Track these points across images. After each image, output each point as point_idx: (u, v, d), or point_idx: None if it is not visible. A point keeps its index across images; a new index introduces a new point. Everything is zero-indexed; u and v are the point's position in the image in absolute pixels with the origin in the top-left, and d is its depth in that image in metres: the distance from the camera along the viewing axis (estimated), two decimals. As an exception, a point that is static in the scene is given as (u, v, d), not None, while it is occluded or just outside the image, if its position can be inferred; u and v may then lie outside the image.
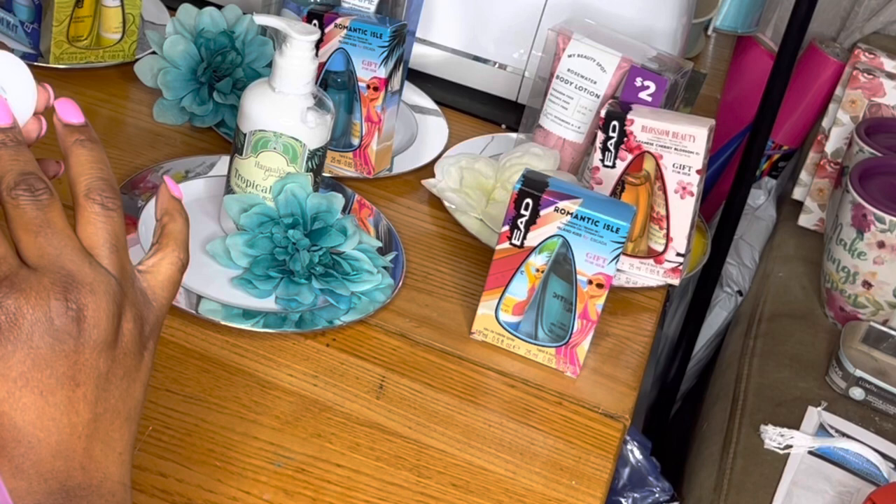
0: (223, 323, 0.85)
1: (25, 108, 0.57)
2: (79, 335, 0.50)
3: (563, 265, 0.87)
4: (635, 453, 1.18)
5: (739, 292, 1.72)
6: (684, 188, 0.98)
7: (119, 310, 0.52)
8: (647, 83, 1.02)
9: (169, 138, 1.07)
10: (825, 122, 1.64)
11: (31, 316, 0.49)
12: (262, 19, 0.88)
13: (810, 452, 1.17)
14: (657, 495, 1.17)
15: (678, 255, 1.01)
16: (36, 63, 1.11)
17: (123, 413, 0.53)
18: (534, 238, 0.86)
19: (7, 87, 0.58)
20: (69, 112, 0.57)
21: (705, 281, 1.59)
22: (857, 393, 1.26)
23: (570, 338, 0.88)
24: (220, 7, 1.09)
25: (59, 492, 0.50)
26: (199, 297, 0.86)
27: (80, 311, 0.50)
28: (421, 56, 1.25)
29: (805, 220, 1.63)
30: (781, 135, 1.82)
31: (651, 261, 1.02)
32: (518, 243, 0.87)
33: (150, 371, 0.55)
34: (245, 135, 0.90)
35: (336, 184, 1.04)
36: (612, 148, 0.99)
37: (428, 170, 1.10)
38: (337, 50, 1.02)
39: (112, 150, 1.04)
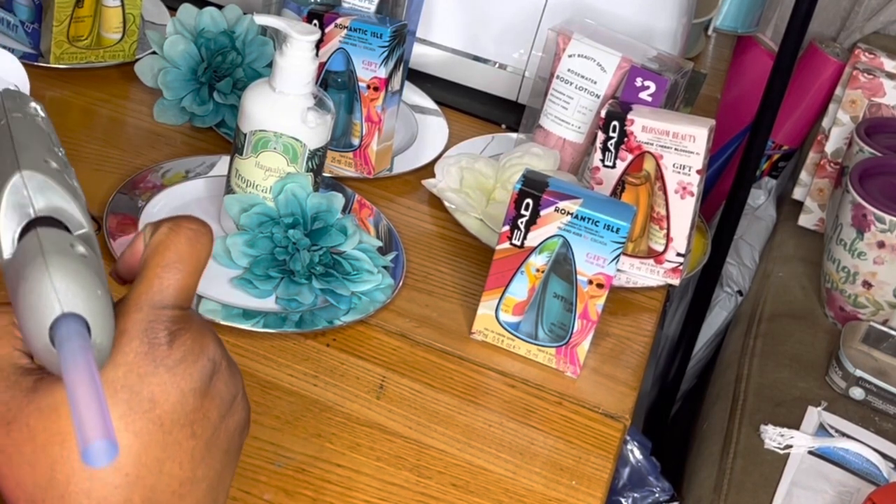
0: (223, 323, 0.85)
1: None
2: (209, 387, 0.48)
3: (563, 265, 0.87)
4: (635, 453, 1.18)
5: (739, 292, 1.72)
6: (684, 188, 0.98)
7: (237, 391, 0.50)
8: (647, 83, 1.02)
9: (169, 138, 1.07)
10: (825, 122, 1.64)
11: (192, 344, 0.47)
12: (262, 19, 0.88)
13: (810, 452, 1.17)
14: (657, 495, 1.17)
15: (678, 255, 1.01)
16: (36, 63, 1.11)
17: (216, 491, 0.49)
18: (534, 238, 0.86)
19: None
20: None
21: (705, 281, 1.59)
22: (857, 393, 1.26)
23: (570, 338, 0.88)
24: (220, 7, 1.09)
25: None
26: (200, 297, 0.86)
27: (217, 362, 0.48)
28: (421, 56, 1.25)
29: (805, 220, 1.63)
30: (781, 135, 1.82)
31: (651, 261, 1.02)
32: (518, 243, 0.87)
33: (237, 462, 0.51)
34: (245, 135, 0.90)
35: (336, 184, 1.04)
36: (612, 148, 0.99)
37: (428, 170, 1.10)
38: (337, 50, 1.02)
39: (112, 150, 1.04)
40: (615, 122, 0.98)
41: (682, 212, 0.99)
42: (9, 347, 0.47)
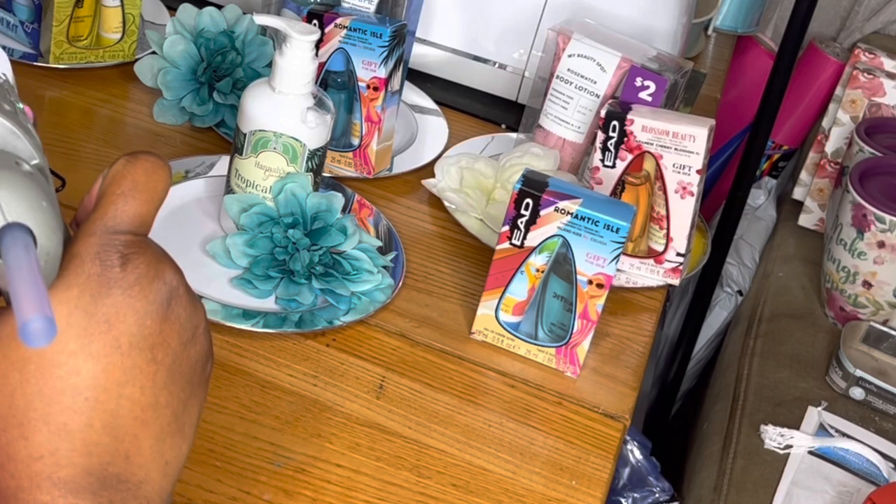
0: (223, 323, 0.85)
1: None
2: (167, 312, 0.47)
3: (563, 265, 0.87)
4: (635, 453, 1.18)
5: (739, 292, 1.72)
6: (684, 188, 0.98)
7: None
8: (647, 83, 1.02)
9: (169, 138, 1.07)
10: (825, 122, 1.64)
11: (146, 269, 0.47)
12: (262, 19, 0.88)
13: (810, 452, 1.17)
14: (657, 495, 1.17)
15: (678, 255, 1.01)
16: (36, 63, 1.11)
17: (181, 421, 0.49)
18: (534, 238, 0.86)
19: None
20: None
21: (705, 281, 1.59)
22: (857, 393, 1.26)
23: (570, 338, 0.88)
24: (220, 7, 1.09)
25: (97, 474, 0.45)
26: (199, 298, 0.86)
27: (174, 287, 0.48)
28: (421, 56, 1.25)
29: (805, 220, 1.63)
30: (781, 135, 1.82)
31: (651, 261, 1.02)
32: (518, 243, 0.87)
33: (205, 396, 0.51)
34: (245, 135, 0.90)
35: (336, 184, 1.04)
36: (612, 148, 0.99)
37: (428, 170, 1.10)
38: (337, 50, 1.02)
39: (112, 150, 1.04)
40: (615, 122, 0.98)
41: (682, 212, 0.99)
42: None
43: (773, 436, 1.18)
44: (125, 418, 0.46)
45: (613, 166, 1.00)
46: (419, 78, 1.26)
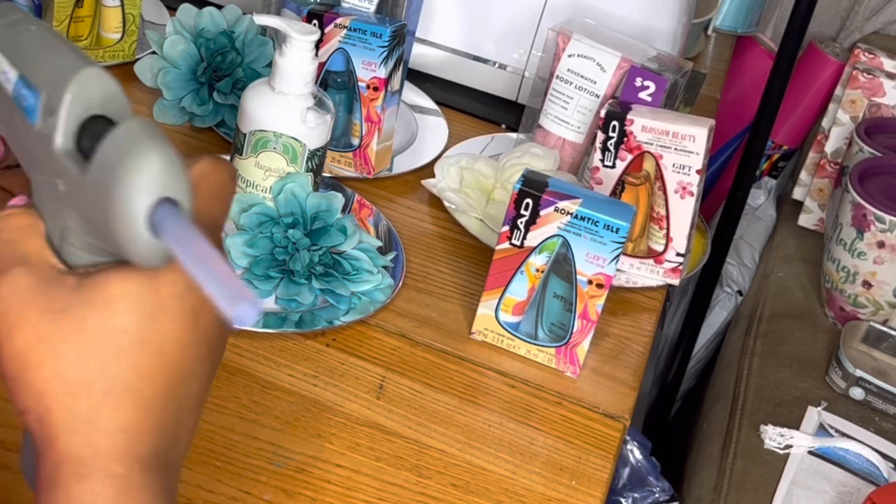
0: (223, 323, 0.85)
1: None
2: (224, 319, 0.48)
3: (563, 265, 0.87)
4: (635, 453, 1.18)
5: (739, 292, 1.72)
6: (684, 188, 0.98)
7: None
8: (647, 83, 1.02)
9: (169, 138, 1.07)
10: (825, 122, 1.64)
11: None
12: (262, 19, 0.88)
13: (810, 452, 1.17)
14: (657, 495, 1.17)
15: (678, 255, 1.01)
16: (36, 63, 1.11)
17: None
18: (534, 238, 0.86)
19: None
20: None
21: (705, 281, 1.59)
22: (857, 393, 1.26)
23: (570, 338, 0.88)
24: (220, 7, 1.09)
25: (160, 455, 0.46)
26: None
27: None
28: (421, 56, 1.25)
29: (805, 220, 1.63)
30: (781, 135, 1.82)
31: (651, 261, 1.02)
32: (518, 243, 0.87)
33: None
34: (245, 135, 0.90)
35: (336, 184, 1.04)
36: (612, 148, 0.99)
37: (428, 170, 1.10)
38: (337, 50, 1.02)
39: (112, 150, 1.03)
40: (615, 122, 0.98)
41: (682, 212, 0.99)
42: (40, 242, 0.47)
43: (773, 436, 1.18)
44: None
45: (613, 166, 1.00)
46: (419, 78, 1.26)
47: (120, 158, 0.42)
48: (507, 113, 1.25)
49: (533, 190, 0.85)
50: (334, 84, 1.04)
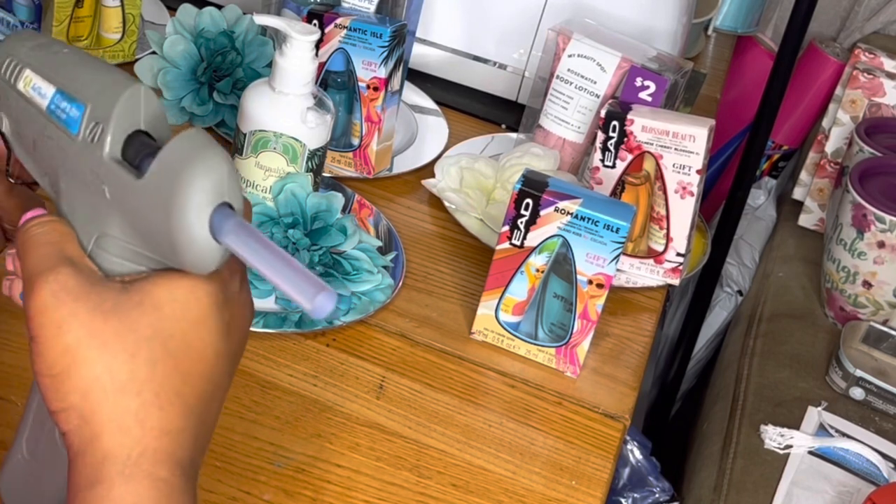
0: (223, 323, 0.85)
1: None
2: (248, 333, 0.50)
3: (563, 265, 0.87)
4: (635, 453, 1.18)
5: (739, 292, 1.72)
6: (684, 188, 0.98)
7: None
8: (647, 83, 1.02)
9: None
10: (825, 122, 1.63)
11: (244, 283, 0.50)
12: (262, 19, 0.88)
13: (810, 452, 1.17)
14: (657, 495, 1.17)
15: (678, 255, 1.01)
16: (36, 63, 1.11)
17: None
18: (534, 238, 0.86)
19: None
20: None
21: (705, 281, 1.59)
22: (857, 393, 1.26)
23: (570, 338, 0.88)
24: (220, 7, 1.09)
25: (194, 462, 0.46)
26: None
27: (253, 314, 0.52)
28: (421, 56, 1.25)
29: (805, 220, 1.63)
30: (781, 135, 1.82)
31: (651, 261, 1.02)
32: (518, 243, 0.87)
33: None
34: (245, 135, 0.90)
35: (336, 184, 1.04)
36: (612, 148, 0.99)
37: (428, 170, 1.10)
38: (337, 50, 1.02)
39: (112, 150, 1.03)
40: (615, 122, 0.98)
41: (682, 212, 0.99)
42: (80, 249, 0.48)
43: (773, 436, 1.18)
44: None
45: (613, 166, 1.00)
46: (419, 78, 1.26)
47: (184, 163, 0.44)
48: (507, 113, 1.25)
49: (533, 190, 0.85)
50: (334, 84, 1.04)
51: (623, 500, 1.17)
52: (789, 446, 1.17)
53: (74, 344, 0.45)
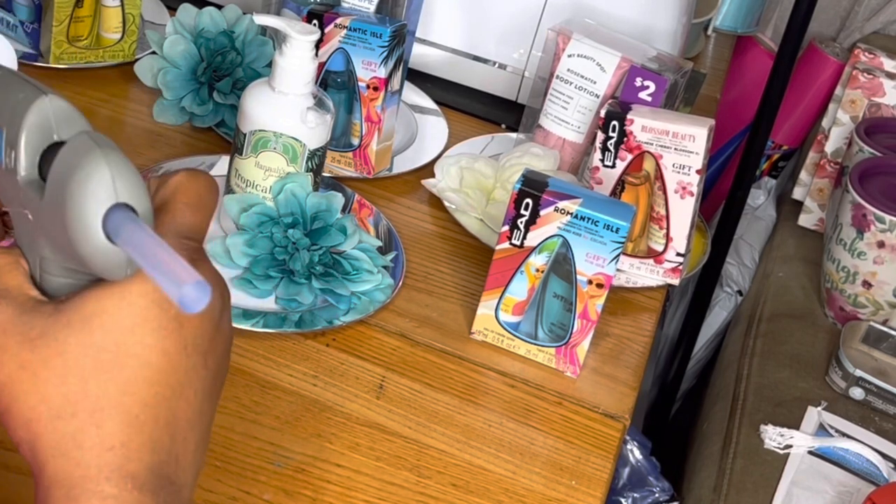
0: (223, 323, 0.85)
1: None
2: (220, 321, 0.49)
3: (563, 265, 0.87)
4: (635, 453, 1.18)
5: (739, 292, 1.72)
6: (684, 188, 0.98)
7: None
8: (647, 83, 1.02)
9: (169, 138, 1.07)
10: (825, 122, 1.64)
11: (210, 276, 0.48)
12: (262, 19, 0.88)
13: (810, 452, 1.17)
14: (657, 495, 1.17)
15: (678, 254, 1.01)
16: (36, 63, 1.11)
17: (210, 431, 0.49)
18: (534, 238, 0.86)
19: None
20: None
21: (705, 281, 1.59)
22: (857, 393, 1.26)
23: (570, 338, 0.88)
24: (220, 7, 1.09)
25: (156, 472, 0.45)
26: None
27: (226, 300, 0.50)
28: (421, 56, 1.25)
29: (805, 220, 1.63)
30: (781, 135, 1.82)
31: (651, 261, 1.02)
32: (518, 243, 0.87)
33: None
34: (245, 135, 0.90)
35: (336, 184, 1.04)
36: (612, 148, 0.99)
37: (428, 170, 1.10)
38: (337, 50, 1.02)
39: (112, 150, 1.03)
40: (615, 122, 0.98)
41: (682, 212, 0.99)
42: (21, 278, 0.47)
43: (773, 436, 1.18)
44: (181, 420, 0.46)
45: (613, 166, 1.00)
46: (419, 78, 1.26)
47: (69, 172, 0.43)
48: (507, 113, 1.25)
49: (533, 190, 0.85)
50: (334, 84, 1.04)
51: (623, 500, 1.17)
52: (789, 446, 1.17)
53: (8, 380, 0.44)
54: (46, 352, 0.44)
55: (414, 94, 1.23)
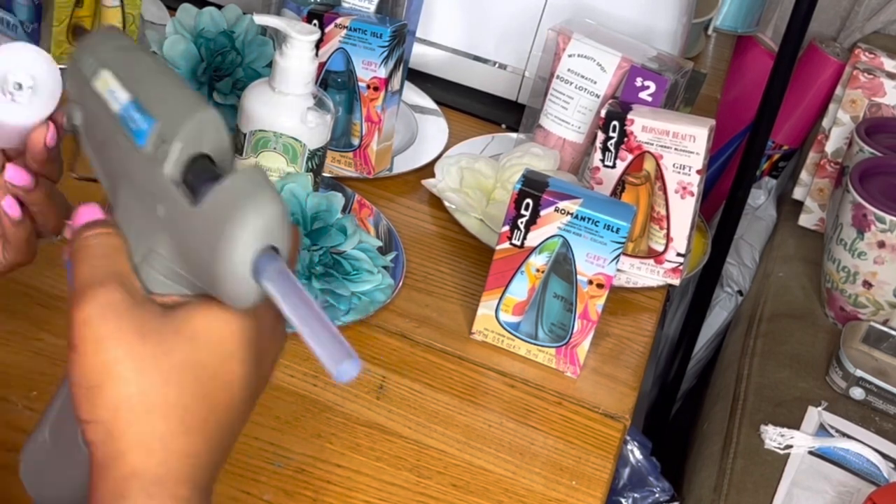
0: (223, 323, 0.84)
1: (48, 105, 0.59)
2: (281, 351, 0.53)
3: (563, 265, 0.87)
4: (635, 453, 1.18)
5: (739, 292, 1.72)
6: (684, 188, 0.98)
7: None
8: (647, 83, 1.02)
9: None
10: (825, 122, 1.63)
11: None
12: (262, 19, 0.88)
13: (810, 452, 1.17)
14: (657, 495, 1.17)
15: (678, 255, 1.01)
16: (36, 63, 1.11)
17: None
18: (534, 238, 0.86)
19: (35, 81, 0.59)
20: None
21: (705, 281, 1.59)
22: (857, 393, 1.26)
23: (570, 338, 0.88)
24: (220, 7, 1.09)
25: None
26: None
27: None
28: (421, 56, 1.25)
29: (805, 220, 1.63)
30: (781, 135, 1.82)
31: (651, 261, 1.02)
32: (518, 243, 0.87)
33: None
34: (245, 135, 0.90)
35: (336, 184, 1.04)
36: (612, 148, 0.99)
37: (428, 170, 1.10)
38: (337, 50, 1.02)
39: (112, 150, 1.03)
40: (615, 122, 0.98)
41: (682, 212, 0.99)
42: (129, 265, 0.49)
43: (774, 436, 1.18)
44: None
45: (613, 166, 1.00)
46: (419, 78, 1.26)
47: (240, 200, 0.45)
48: (507, 113, 1.25)
49: (533, 190, 0.85)
50: (334, 84, 1.04)
51: (623, 500, 1.17)
52: (789, 446, 1.17)
53: (112, 361, 0.46)
54: (156, 350, 0.46)
55: (414, 94, 1.23)
